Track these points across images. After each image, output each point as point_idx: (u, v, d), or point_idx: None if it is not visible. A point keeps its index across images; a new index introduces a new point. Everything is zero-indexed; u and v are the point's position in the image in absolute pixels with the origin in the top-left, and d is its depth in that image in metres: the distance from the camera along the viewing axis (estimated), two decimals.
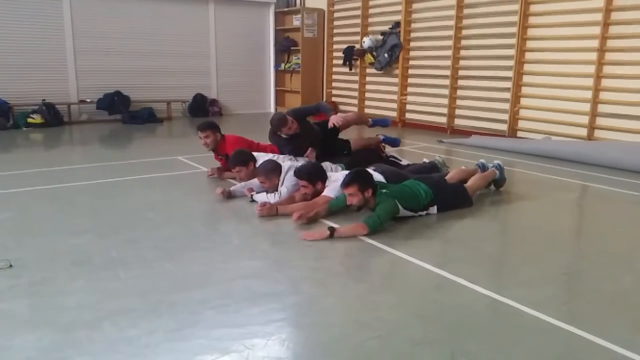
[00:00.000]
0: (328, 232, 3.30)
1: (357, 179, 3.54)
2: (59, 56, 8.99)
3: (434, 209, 3.85)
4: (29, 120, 8.28)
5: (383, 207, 3.48)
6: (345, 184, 3.53)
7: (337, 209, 3.73)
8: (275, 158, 4.44)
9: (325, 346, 2.13)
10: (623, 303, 2.56)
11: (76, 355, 2.02)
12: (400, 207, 3.60)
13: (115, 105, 9.22)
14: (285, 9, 11.06)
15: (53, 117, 8.50)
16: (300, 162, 4.43)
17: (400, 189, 3.75)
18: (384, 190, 3.62)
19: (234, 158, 4.47)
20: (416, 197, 3.75)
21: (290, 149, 4.81)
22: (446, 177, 4.27)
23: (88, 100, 9.18)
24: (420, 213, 3.80)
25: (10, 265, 2.82)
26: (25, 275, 2.74)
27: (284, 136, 4.80)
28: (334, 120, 4.88)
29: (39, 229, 3.48)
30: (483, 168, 4.52)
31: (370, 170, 4.15)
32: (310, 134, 4.91)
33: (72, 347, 2.08)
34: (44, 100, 8.56)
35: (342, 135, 5.34)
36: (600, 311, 2.46)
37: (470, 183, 4.20)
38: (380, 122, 5.72)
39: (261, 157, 4.49)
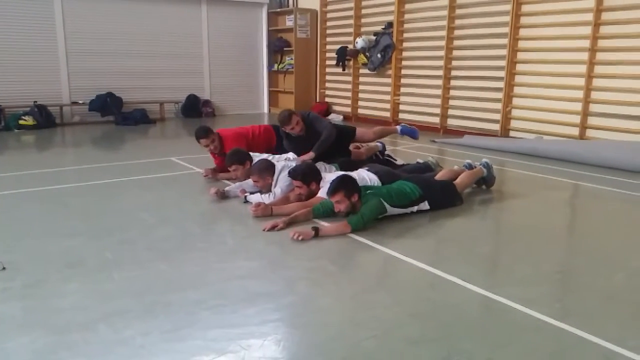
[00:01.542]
0: (313, 232, 3.32)
1: (342, 185, 3.55)
2: (51, 57, 8.94)
3: (425, 205, 3.87)
4: (21, 122, 8.23)
5: (367, 205, 3.52)
6: (331, 192, 3.55)
7: (323, 215, 3.69)
8: (270, 158, 4.45)
9: (321, 346, 2.14)
10: (615, 300, 2.58)
11: (71, 357, 2.02)
12: (387, 205, 3.62)
13: (108, 106, 9.18)
14: (278, 10, 11.06)
15: (45, 119, 8.45)
16: (293, 162, 4.43)
17: (385, 188, 3.80)
18: (369, 191, 3.65)
19: (231, 157, 4.48)
20: (403, 194, 3.77)
21: (291, 147, 4.82)
22: (435, 177, 4.32)
23: (80, 102, 9.14)
24: (411, 209, 3.81)
25: (3, 268, 2.80)
26: (18, 277, 2.72)
27: (290, 133, 4.80)
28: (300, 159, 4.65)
29: (31, 231, 3.46)
30: (470, 168, 4.57)
31: (364, 170, 4.18)
32: (314, 142, 4.74)
33: (66, 349, 2.07)
34: (36, 102, 8.51)
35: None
36: (593, 308, 2.49)
37: (458, 181, 4.25)
38: (410, 133, 5.49)
39: (256, 157, 4.51)
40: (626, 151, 5.72)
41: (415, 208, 3.83)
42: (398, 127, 5.56)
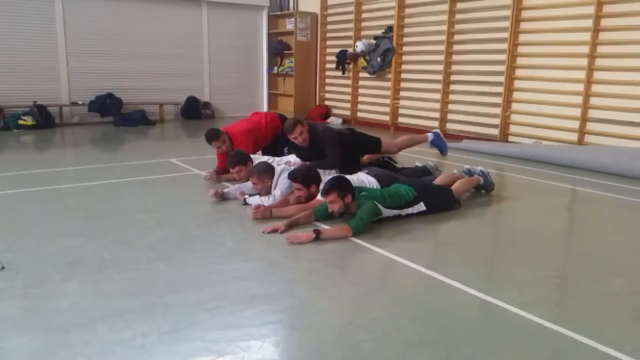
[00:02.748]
0: (314, 235, 3.33)
1: (336, 186, 3.57)
2: (51, 58, 8.95)
3: (421, 206, 3.87)
4: (20, 122, 8.23)
5: (364, 209, 3.53)
6: (325, 192, 3.57)
7: (324, 217, 3.72)
8: (270, 161, 4.46)
9: (320, 348, 2.14)
10: (614, 305, 2.59)
11: (70, 357, 2.02)
12: (381, 207, 3.64)
13: (108, 107, 9.19)
14: (279, 13, 11.08)
15: (44, 119, 8.45)
16: (293, 165, 4.44)
17: (379, 190, 3.82)
18: (362, 193, 3.67)
19: (233, 158, 4.49)
20: (397, 196, 3.78)
21: (296, 154, 4.80)
22: (434, 181, 4.35)
23: (80, 102, 9.15)
24: (407, 211, 3.82)
25: (3, 267, 2.80)
26: (17, 277, 2.72)
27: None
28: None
29: (31, 231, 3.46)
30: (469, 174, 4.59)
31: (363, 173, 4.19)
32: (318, 157, 4.58)
33: (65, 348, 2.07)
34: (35, 102, 8.51)
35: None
36: (592, 313, 2.50)
37: (454, 187, 4.26)
38: (440, 146, 5.19)
39: (256, 159, 4.52)
40: (624, 157, 5.74)
41: (410, 210, 3.84)
42: (430, 135, 5.16)
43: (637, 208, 4.53)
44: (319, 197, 3.90)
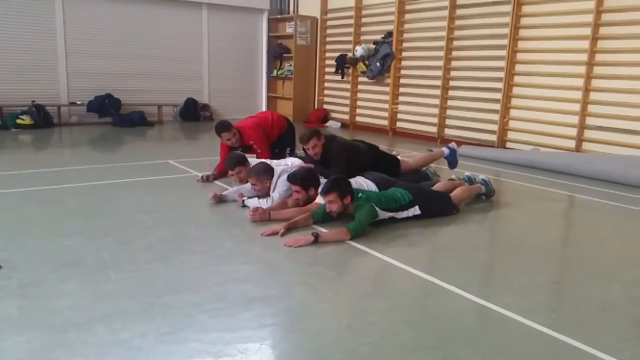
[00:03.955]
0: (312, 238, 3.34)
1: (336, 186, 3.59)
2: (50, 57, 8.93)
3: (416, 209, 3.88)
4: (18, 121, 8.22)
5: (362, 211, 3.55)
6: (325, 192, 3.58)
7: (322, 219, 3.73)
8: (268, 162, 4.47)
9: (317, 352, 2.14)
10: (611, 312, 2.60)
11: (67, 357, 2.01)
12: (377, 209, 3.65)
13: (106, 107, 9.17)
14: (279, 16, 11.11)
15: (42, 119, 8.43)
16: (292, 168, 4.44)
17: (376, 193, 3.84)
18: (360, 195, 3.69)
19: (231, 161, 4.50)
20: (392, 198, 3.80)
21: (305, 161, 4.79)
22: (433, 187, 4.36)
23: (78, 102, 9.12)
24: (401, 214, 3.83)
25: (0, 266, 2.79)
26: (15, 276, 2.71)
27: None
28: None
29: (28, 231, 3.44)
30: (469, 181, 4.60)
31: (362, 177, 4.20)
32: (326, 168, 4.53)
33: (63, 349, 2.06)
34: (34, 101, 8.49)
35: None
36: (589, 319, 2.50)
37: (454, 193, 4.26)
38: (451, 162, 5.16)
39: (254, 161, 4.52)
40: (621, 164, 5.76)
41: (404, 213, 3.85)
42: (445, 151, 5.12)
43: (634, 215, 4.55)
44: (317, 200, 3.91)
